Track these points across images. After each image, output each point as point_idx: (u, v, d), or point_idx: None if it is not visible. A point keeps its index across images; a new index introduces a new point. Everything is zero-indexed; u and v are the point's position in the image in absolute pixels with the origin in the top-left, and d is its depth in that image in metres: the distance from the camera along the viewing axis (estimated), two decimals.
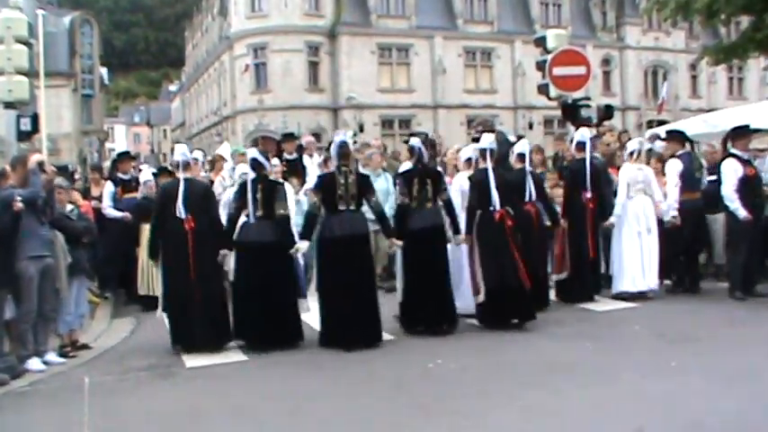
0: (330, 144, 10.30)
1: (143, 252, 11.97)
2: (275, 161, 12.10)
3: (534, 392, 6.78)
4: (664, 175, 12.34)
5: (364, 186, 9.22)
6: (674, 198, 11.39)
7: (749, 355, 7.86)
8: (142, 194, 12.28)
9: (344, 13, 49.14)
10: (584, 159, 10.99)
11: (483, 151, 9.93)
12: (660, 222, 11.32)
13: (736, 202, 10.88)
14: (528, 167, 10.66)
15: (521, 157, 10.66)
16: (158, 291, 11.74)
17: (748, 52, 21.19)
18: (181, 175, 9.16)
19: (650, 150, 12.78)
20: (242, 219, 9.12)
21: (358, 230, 9.04)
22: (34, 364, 8.40)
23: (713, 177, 11.67)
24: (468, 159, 10.44)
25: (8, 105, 13.03)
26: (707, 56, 22.48)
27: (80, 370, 8.47)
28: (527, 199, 10.51)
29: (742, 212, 10.82)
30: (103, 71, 65.95)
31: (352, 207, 9.06)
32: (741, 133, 11.24)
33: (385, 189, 11.89)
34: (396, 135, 47.07)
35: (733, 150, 11.19)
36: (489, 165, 9.79)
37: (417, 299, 9.40)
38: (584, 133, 11.35)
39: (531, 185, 10.59)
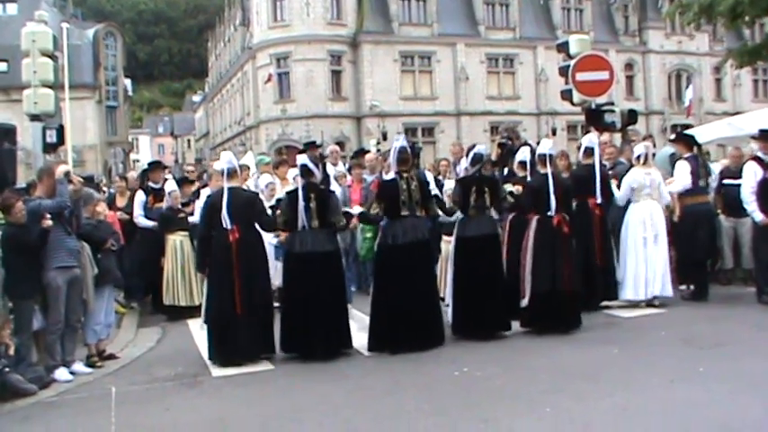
0: (355, 152, 10.32)
1: (168, 262, 12.05)
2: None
3: (561, 399, 6.74)
4: None
5: (425, 192, 9.25)
6: (672, 190, 11.30)
7: None
8: (167, 205, 12.31)
9: (366, 21, 49.29)
10: (592, 165, 10.89)
11: (542, 156, 9.93)
12: (672, 227, 11.22)
13: (753, 204, 10.82)
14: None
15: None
16: (182, 301, 11.92)
17: None
18: (225, 184, 8.91)
19: (673, 155, 12.68)
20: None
21: (421, 236, 9.04)
22: (62, 374, 8.44)
23: (740, 181, 11.53)
24: (523, 162, 10.49)
25: (34, 118, 13.14)
26: (731, 58, 22.36)
27: (107, 380, 8.50)
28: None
29: (758, 215, 10.77)
30: (127, 83, 66.64)
31: (417, 213, 9.08)
32: (765, 136, 11.15)
33: None
34: (419, 143, 47.05)
35: (758, 153, 11.11)
36: (549, 170, 9.82)
37: (471, 305, 9.33)
38: (592, 139, 11.28)
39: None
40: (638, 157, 11.10)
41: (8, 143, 10.34)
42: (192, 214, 12.56)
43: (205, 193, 12.68)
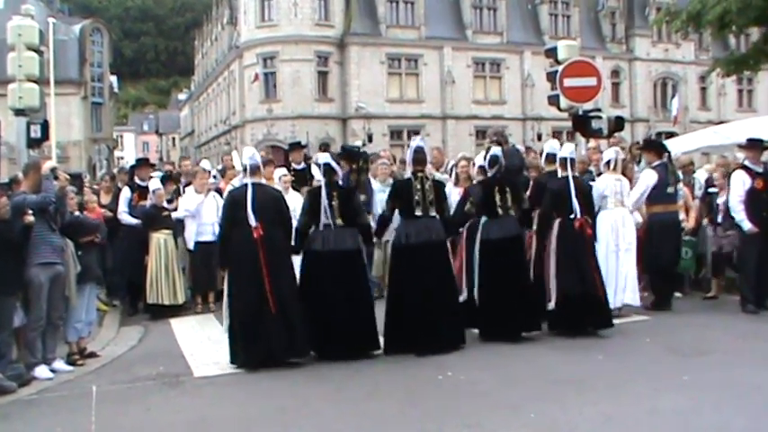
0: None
1: (152, 260, 11.98)
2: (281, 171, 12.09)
3: (545, 405, 6.72)
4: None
5: (440, 193, 9.24)
6: (633, 201, 11.04)
7: (762, 369, 7.80)
8: (151, 203, 12.23)
9: (354, 23, 49.26)
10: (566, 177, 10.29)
11: (564, 160, 9.97)
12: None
13: (741, 213, 10.85)
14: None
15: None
16: (166, 300, 11.83)
17: (759, 64, 21.18)
18: (249, 180, 8.75)
19: (671, 162, 12.64)
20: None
21: (436, 237, 9.01)
22: (42, 371, 8.38)
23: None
24: (608, 162, 10.68)
25: (18, 112, 13.03)
26: (718, 67, 22.45)
27: (88, 378, 8.44)
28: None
29: (747, 224, 10.80)
30: (113, 79, 66.35)
31: (431, 213, 9.05)
32: (753, 145, 11.19)
33: None
34: (404, 145, 47.05)
35: (745, 162, 11.15)
36: (570, 173, 9.87)
37: (499, 307, 9.30)
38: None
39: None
40: (608, 162, 10.97)
41: None
42: (175, 210, 12.49)
43: (190, 191, 12.64)
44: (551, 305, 9.58)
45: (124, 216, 12.54)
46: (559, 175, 10.04)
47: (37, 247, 8.29)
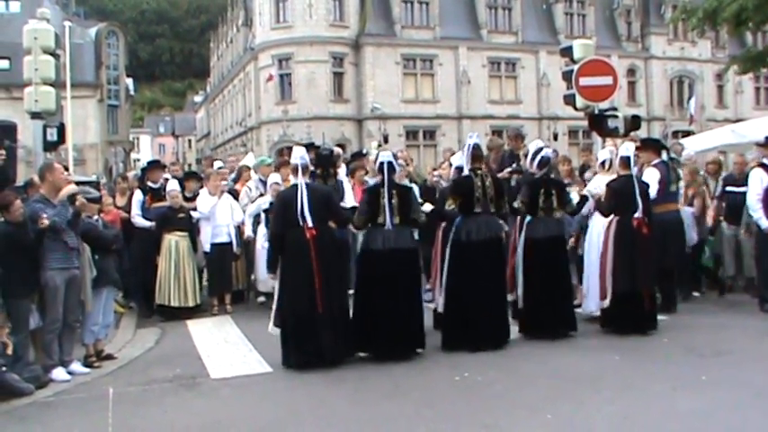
0: (354, 155, 10.20)
1: (162, 261, 11.99)
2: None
3: (562, 405, 6.70)
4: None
5: (500, 189, 9.33)
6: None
7: None
8: (168, 204, 12.25)
9: (369, 23, 49.27)
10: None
11: (626, 159, 9.99)
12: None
13: (759, 211, 10.77)
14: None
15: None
16: (174, 301, 11.87)
17: None
18: (300, 180, 8.71)
19: (672, 159, 12.57)
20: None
21: (494, 234, 9.10)
22: (59, 374, 8.40)
23: (743, 189, 11.44)
24: (603, 162, 10.64)
25: (35, 116, 13.06)
26: (735, 64, 22.34)
27: (105, 380, 8.45)
28: None
29: (765, 222, 10.73)
30: (129, 82, 66.66)
31: (491, 210, 9.14)
32: None
33: None
34: (420, 146, 47.10)
35: (763, 160, 11.06)
36: (634, 172, 9.94)
37: (539, 305, 9.43)
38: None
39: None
40: (603, 162, 10.93)
41: (9, 141, 10.29)
42: (195, 209, 12.47)
43: (204, 192, 12.63)
44: (606, 303, 9.69)
45: (137, 219, 12.54)
46: (617, 174, 10.12)
47: (53, 251, 8.31)
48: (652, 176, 11.09)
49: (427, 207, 10.48)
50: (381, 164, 9.01)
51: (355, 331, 8.69)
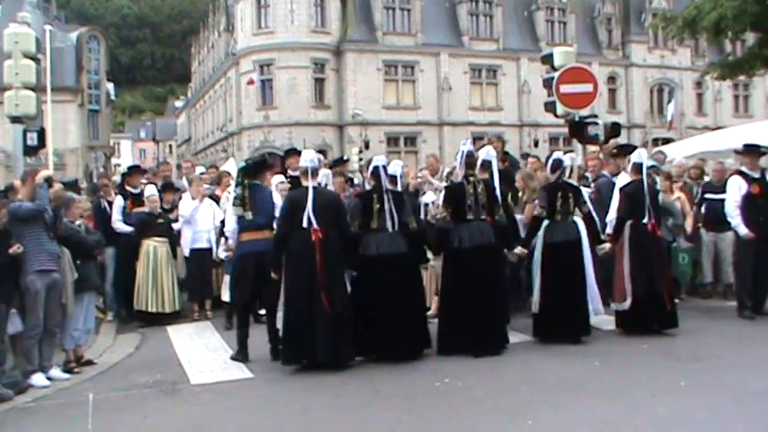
0: (334, 161, 10.18)
1: (141, 267, 11.96)
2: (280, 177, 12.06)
3: (542, 411, 6.72)
4: (672, 192, 12.27)
5: (493, 197, 9.34)
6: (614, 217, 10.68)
7: (759, 374, 7.80)
8: (148, 210, 12.22)
9: (351, 29, 49.33)
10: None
11: (638, 165, 10.06)
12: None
13: (737, 218, 10.88)
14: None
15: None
16: (151, 307, 11.88)
17: (755, 68, 21.24)
18: (309, 183, 8.75)
19: (653, 167, 12.57)
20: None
21: (487, 241, 9.09)
22: (39, 379, 8.36)
23: (722, 196, 11.52)
24: (634, 162, 10.51)
25: (15, 120, 13.02)
26: (712, 71, 22.50)
27: (85, 386, 8.42)
28: None
29: (743, 229, 10.82)
30: (110, 86, 66.29)
31: (482, 216, 9.15)
32: (750, 151, 11.19)
33: None
34: (401, 152, 47.11)
35: (742, 168, 11.16)
36: (645, 178, 10.00)
37: (555, 310, 9.45)
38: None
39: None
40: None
41: None
42: (176, 220, 12.46)
43: (187, 197, 12.60)
44: (626, 305, 9.76)
45: (119, 224, 12.47)
46: (629, 179, 10.33)
47: (33, 255, 8.26)
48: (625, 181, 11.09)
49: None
50: (375, 168, 9.06)
51: (357, 335, 8.70)
